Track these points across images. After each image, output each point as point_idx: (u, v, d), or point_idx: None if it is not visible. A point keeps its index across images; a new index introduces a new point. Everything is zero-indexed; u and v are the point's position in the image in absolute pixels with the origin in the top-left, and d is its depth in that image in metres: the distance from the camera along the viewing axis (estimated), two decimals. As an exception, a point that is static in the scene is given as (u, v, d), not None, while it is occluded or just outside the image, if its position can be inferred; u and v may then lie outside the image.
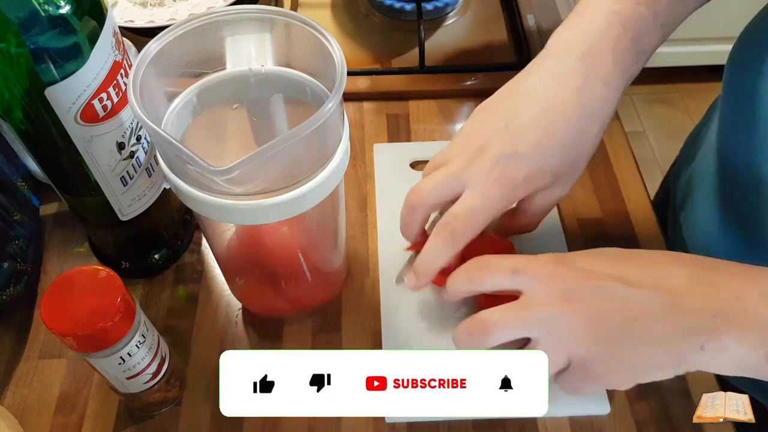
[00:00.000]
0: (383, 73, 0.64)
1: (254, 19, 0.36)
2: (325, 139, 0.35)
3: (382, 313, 0.48)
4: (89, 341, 0.35)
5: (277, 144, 0.30)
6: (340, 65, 0.33)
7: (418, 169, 0.57)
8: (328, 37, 0.35)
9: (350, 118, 0.62)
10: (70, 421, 0.44)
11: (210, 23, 0.36)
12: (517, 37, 0.68)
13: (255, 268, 0.48)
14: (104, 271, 0.36)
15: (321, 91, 0.38)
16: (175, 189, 0.35)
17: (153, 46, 0.34)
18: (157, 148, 0.36)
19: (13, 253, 0.47)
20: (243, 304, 0.49)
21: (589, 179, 0.57)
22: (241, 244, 0.45)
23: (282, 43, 0.37)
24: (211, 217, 0.35)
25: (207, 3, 0.71)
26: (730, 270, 0.36)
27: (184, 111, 0.38)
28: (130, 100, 0.32)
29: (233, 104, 0.39)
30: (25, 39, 0.33)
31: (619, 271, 0.36)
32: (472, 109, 0.44)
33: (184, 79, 0.37)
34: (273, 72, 0.38)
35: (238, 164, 0.30)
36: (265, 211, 0.34)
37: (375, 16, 0.71)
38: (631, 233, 0.53)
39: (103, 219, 0.46)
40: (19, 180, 0.51)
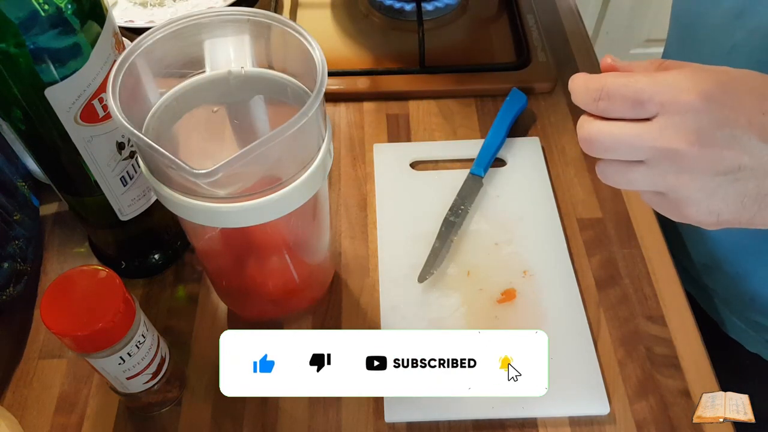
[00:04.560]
0: (383, 73, 0.64)
1: (232, 21, 0.36)
2: (308, 139, 0.35)
3: (381, 313, 0.48)
4: (89, 341, 0.35)
5: (260, 145, 0.30)
6: (320, 65, 0.33)
7: (418, 169, 0.57)
8: (308, 38, 0.34)
9: (350, 118, 0.62)
10: (70, 421, 0.44)
11: (188, 26, 0.36)
12: (517, 37, 0.68)
13: (240, 269, 0.48)
14: (104, 271, 0.36)
15: (302, 92, 0.37)
16: (157, 193, 0.35)
17: (132, 51, 0.34)
18: (139, 153, 0.36)
19: (13, 253, 0.47)
20: (229, 308, 0.49)
21: (589, 179, 0.57)
22: (226, 246, 0.44)
23: (262, 44, 0.37)
24: (194, 221, 0.35)
25: (207, 3, 0.71)
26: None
27: (165, 115, 0.37)
28: (110, 106, 0.32)
29: (214, 107, 0.39)
30: (25, 39, 0.33)
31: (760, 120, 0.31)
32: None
33: (165, 81, 0.37)
34: (253, 74, 0.38)
35: (221, 167, 0.30)
36: (248, 213, 0.34)
37: (375, 16, 0.71)
38: (631, 233, 0.53)
39: (103, 219, 0.46)
40: (19, 180, 0.51)
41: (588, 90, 0.33)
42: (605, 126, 0.33)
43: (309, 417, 0.44)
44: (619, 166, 0.34)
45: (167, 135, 0.37)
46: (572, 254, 0.52)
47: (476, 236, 0.52)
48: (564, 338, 0.47)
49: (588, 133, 0.33)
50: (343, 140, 0.60)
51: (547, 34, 0.68)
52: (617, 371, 0.46)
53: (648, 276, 0.51)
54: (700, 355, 0.47)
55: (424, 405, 0.44)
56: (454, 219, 0.53)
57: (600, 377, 0.45)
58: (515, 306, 0.48)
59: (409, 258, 0.51)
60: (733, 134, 0.31)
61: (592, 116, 0.34)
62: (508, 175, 0.57)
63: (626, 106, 0.32)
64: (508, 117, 0.59)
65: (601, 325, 0.48)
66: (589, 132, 0.33)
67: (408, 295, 0.49)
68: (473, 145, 0.58)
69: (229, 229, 0.39)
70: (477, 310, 0.48)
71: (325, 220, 0.45)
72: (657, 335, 0.48)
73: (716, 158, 0.31)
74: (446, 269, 0.50)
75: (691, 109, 0.31)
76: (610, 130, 0.33)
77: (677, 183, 0.32)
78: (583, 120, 0.34)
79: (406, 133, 0.61)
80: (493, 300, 0.49)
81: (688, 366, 0.46)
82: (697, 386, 0.45)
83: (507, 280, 0.50)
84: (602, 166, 0.35)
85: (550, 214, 0.54)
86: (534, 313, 0.48)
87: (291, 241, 0.44)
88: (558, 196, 0.56)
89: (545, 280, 0.50)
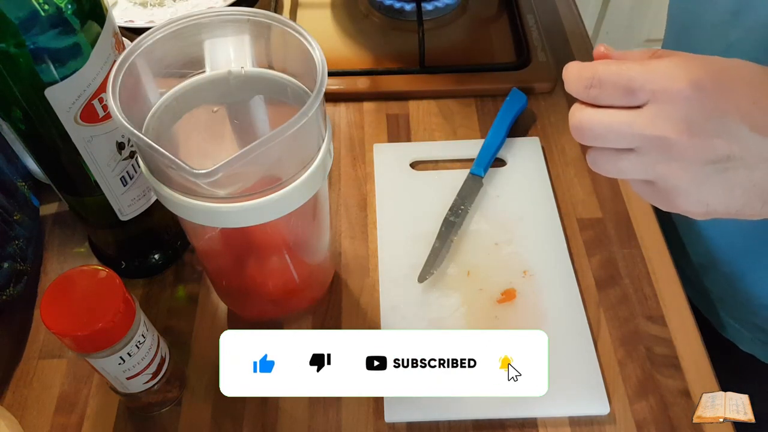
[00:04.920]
0: (383, 73, 0.64)
1: (232, 21, 0.36)
2: (308, 139, 0.35)
3: (381, 313, 0.48)
4: (89, 341, 0.35)
5: (260, 145, 0.30)
6: (320, 65, 0.33)
7: (418, 169, 0.57)
8: (308, 38, 0.34)
9: (350, 118, 0.62)
10: (70, 421, 0.44)
11: (188, 26, 0.36)
12: (517, 37, 0.68)
13: (240, 269, 0.48)
14: (104, 271, 0.36)
15: (302, 92, 0.37)
16: (157, 193, 0.35)
17: (132, 51, 0.34)
18: (139, 153, 0.36)
19: (13, 253, 0.47)
20: (229, 308, 0.49)
21: (589, 179, 0.57)
22: (226, 246, 0.44)
23: (262, 44, 0.37)
24: (194, 221, 0.35)
25: (207, 3, 0.71)
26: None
27: (165, 115, 0.37)
28: (110, 106, 0.32)
29: (214, 107, 0.39)
30: (25, 39, 0.33)
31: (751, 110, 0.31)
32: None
33: (165, 81, 0.37)
34: (253, 74, 0.38)
35: (221, 166, 0.30)
36: (248, 213, 0.34)
37: (375, 16, 0.71)
38: (631, 233, 0.53)
39: (103, 219, 0.46)
40: (19, 180, 0.51)
41: (580, 77, 0.33)
42: (596, 113, 0.33)
43: (309, 417, 0.44)
44: (609, 155, 0.34)
45: (167, 135, 0.37)
46: (572, 254, 0.52)
47: (476, 236, 0.52)
48: (564, 338, 0.47)
49: (579, 121, 0.33)
50: (343, 140, 0.60)
51: (547, 34, 0.68)
52: (617, 371, 0.46)
53: (648, 276, 0.51)
54: (700, 355, 0.47)
55: (424, 405, 0.44)
56: (454, 219, 0.53)
57: (600, 377, 0.45)
58: (515, 306, 0.48)
59: (409, 258, 0.51)
60: (723, 123, 0.31)
61: (585, 104, 0.34)
62: (508, 175, 0.57)
63: (617, 94, 0.32)
64: (508, 117, 0.59)
65: (601, 325, 0.48)
66: (580, 119, 0.33)
67: (408, 295, 0.49)
68: (473, 145, 0.58)
69: (229, 229, 0.39)
70: (477, 310, 0.48)
71: (325, 220, 0.45)
72: (657, 335, 0.48)
73: (706, 147, 0.31)
74: (446, 269, 0.50)
75: (682, 97, 0.31)
76: (601, 118, 0.33)
77: (667, 172, 0.32)
78: (575, 108, 0.34)
79: (406, 133, 0.61)
80: (493, 300, 0.49)
81: (688, 366, 0.46)
82: (697, 386, 0.45)
83: (507, 280, 0.50)
84: (593, 154, 0.35)
85: (550, 214, 0.54)
86: (534, 313, 0.48)
87: (291, 241, 0.44)
88: (558, 196, 0.56)
89: (545, 280, 0.50)
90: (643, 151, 0.32)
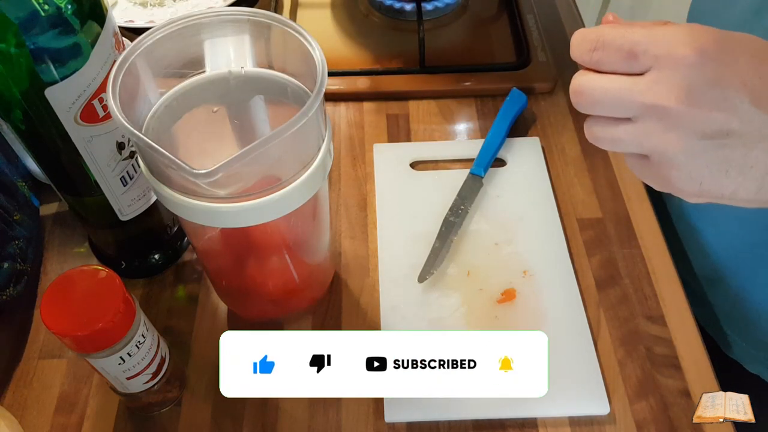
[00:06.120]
0: (383, 73, 0.64)
1: (232, 21, 0.36)
2: (308, 139, 0.35)
3: (381, 314, 0.48)
4: (89, 341, 0.35)
5: (260, 145, 0.30)
6: (320, 65, 0.33)
7: (418, 169, 0.57)
8: (308, 38, 0.34)
9: (350, 118, 0.62)
10: (70, 421, 0.44)
11: (188, 26, 0.36)
12: (517, 37, 0.68)
13: (240, 269, 0.48)
14: (104, 271, 0.36)
15: (302, 92, 0.37)
16: (157, 193, 0.35)
17: (132, 51, 0.34)
18: (139, 153, 0.36)
19: (13, 253, 0.47)
20: (229, 308, 0.49)
21: (589, 179, 0.57)
22: (226, 246, 0.45)
23: (262, 44, 0.37)
24: (194, 221, 0.35)
25: (207, 3, 0.71)
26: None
27: (165, 115, 0.37)
28: (110, 106, 0.32)
29: (214, 107, 0.39)
30: (25, 39, 0.33)
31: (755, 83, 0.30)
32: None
33: (165, 81, 0.37)
34: (253, 74, 0.38)
35: (221, 166, 0.30)
36: (248, 213, 0.34)
37: (375, 16, 0.71)
38: (631, 233, 0.53)
39: (103, 219, 0.46)
40: (19, 180, 0.51)
41: (585, 40, 0.33)
42: (597, 78, 0.33)
43: (309, 417, 0.44)
44: (605, 123, 0.33)
45: (167, 135, 0.37)
46: (572, 254, 0.52)
47: (476, 236, 0.52)
48: (564, 338, 0.47)
49: (579, 85, 0.33)
50: (343, 140, 0.60)
51: (547, 34, 0.68)
52: (617, 371, 0.46)
53: (648, 276, 0.51)
54: (700, 355, 0.47)
55: (424, 405, 0.44)
56: (454, 219, 0.53)
57: (600, 377, 0.45)
58: (515, 306, 0.48)
59: (409, 258, 0.51)
60: (724, 94, 0.30)
61: (587, 70, 0.33)
62: (508, 175, 0.57)
63: (620, 57, 0.32)
64: (508, 117, 0.59)
65: (601, 325, 0.48)
66: (580, 83, 0.33)
67: (408, 295, 0.49)
68: (473, 145, 0.58)
69: (229, 229, 0.39)
70: (477, 310, 0.48)
71: (325, 220, 0.45)
72: (657, 335, 0.48)
73: (704, 119, 0.30)
74: (446, 269, 0.50)
75: (685, 63, 0.30)
76: (601, 83, 0.32)
77: (662, 142, 0.32)
78: (577, 74, 0.34)
79: (406, 133, 0.61)
80: (493, 300, 0.49)
81: (688, 366, 0.46)
82: (697, 386, 0.45)
83: (507, 280, 0.50)
84: (590, 122, 0.34)
85: (550, 214, 0.54)
86: (534, 313, 0.48)
87: (291, 241, 0.44)
88: (558, 196, 0.56)
89: (545, 280, 0.50)
90: (640, 120, 0.32)
